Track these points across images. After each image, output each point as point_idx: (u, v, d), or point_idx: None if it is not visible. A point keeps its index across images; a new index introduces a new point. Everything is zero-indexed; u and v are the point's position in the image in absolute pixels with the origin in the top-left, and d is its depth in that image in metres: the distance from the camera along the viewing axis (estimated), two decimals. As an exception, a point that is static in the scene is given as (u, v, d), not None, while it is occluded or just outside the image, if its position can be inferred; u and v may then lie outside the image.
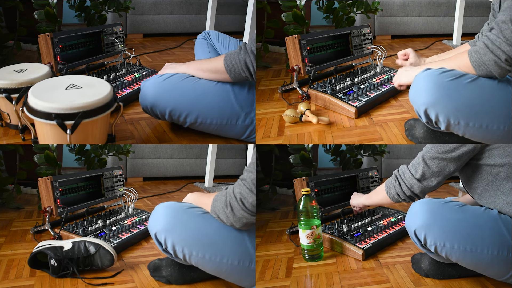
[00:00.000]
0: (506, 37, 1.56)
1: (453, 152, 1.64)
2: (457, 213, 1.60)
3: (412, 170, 1.72)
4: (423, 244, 1.64)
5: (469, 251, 1.59)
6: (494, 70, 1.61)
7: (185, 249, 1.60)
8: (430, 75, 1.71)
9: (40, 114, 1.73)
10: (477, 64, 1.64)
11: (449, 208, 1.61)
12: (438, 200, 1.64)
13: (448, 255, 1.61)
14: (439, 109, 1.69)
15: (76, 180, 2.36)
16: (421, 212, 1.62)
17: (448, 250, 1.60)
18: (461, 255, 1.60)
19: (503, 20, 1.57)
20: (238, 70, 1.87)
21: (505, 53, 1.57)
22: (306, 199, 1.95)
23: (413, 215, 1.64)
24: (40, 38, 2.32)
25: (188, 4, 3.54)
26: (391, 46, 3.08)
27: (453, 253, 1.60)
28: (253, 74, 1.88)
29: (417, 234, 1.63)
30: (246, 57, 1.84)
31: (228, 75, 1.90)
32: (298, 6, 2.90)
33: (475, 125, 1.69)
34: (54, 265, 1.84)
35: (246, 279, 1.65)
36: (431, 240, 1.60)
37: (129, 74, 2.52)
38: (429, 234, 1.60)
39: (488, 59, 1.61)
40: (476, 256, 1.59)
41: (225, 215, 1.56)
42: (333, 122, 2.11)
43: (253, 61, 1.85)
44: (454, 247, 1.59)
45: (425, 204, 1.62)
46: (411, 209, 1.65)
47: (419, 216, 1.62)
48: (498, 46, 1.57)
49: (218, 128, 2.00)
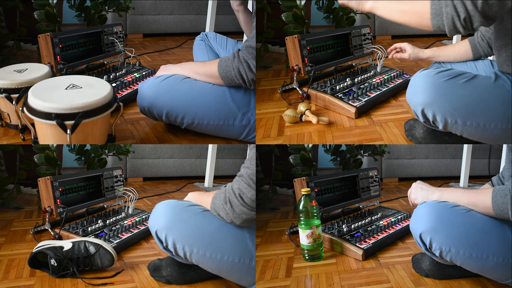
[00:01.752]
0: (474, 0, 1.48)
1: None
2: (464, 218, 1.57)
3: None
4: (428, 248, 1.62)
5: (474, 257, 1.57)
6: (448, 25, 1.53)
7: (185, 247, 1.60)
8: (426, 75, 1.71)
9: (40, 114, 1.73)
10: (435, 12, 1.55)
11: (456, 213, 1.58)
12: (445, 204, 1.60)
13: (453, 260, 1.60)
14: (436, 108, 1.69)
15: (76, 180, 2.36)
16: (427, 216, 1.59)
17: (453, 255, 1.58)
18: (466, 261, 1.59)
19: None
20: (232, 77, 1.88)
21: (467, 12, 1.50)
22: (306, 199, 1.95)
23: (419, 218, 1.61)
24: (40, 38, 2.32)
25: (188, 4, 3.54)
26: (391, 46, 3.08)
27: (458, 258, 1.59)
28: (248, 82, 1.88)
29: (423, 238, 1.61)
30: (239, 66, 1.85)
31: (222, 80, 1.92)
32: (298, 6, 2.90)
33: (473, 124, 1.69)
34: (54, 265, 1.84)
35: (247, 277, 1.65)
36: (436, 244, 1.59)
37: (129, 74, 2.52)
38: (435, 238, 1.58)
39: (447, 12, 1.53)
40: (481, 262, 1.58)
41: (225, 212, 1.56)
42: (333, 122, 2.11)
43: (247, 70, 1.85)
44: (459, 253, 1.58)
45: (432, 208, 1.60)
46: (417, 212, 1.63)
47: (426, 219, 1.59)
48: (463, 4, 1.50)
49: (215, 129, 2.00)
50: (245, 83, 1.89)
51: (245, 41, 1.86)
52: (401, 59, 2.37)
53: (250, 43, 1.84)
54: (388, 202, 2.82)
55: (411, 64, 2.77)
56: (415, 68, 1.85)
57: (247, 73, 1.85)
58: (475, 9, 1.49)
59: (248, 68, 1.85)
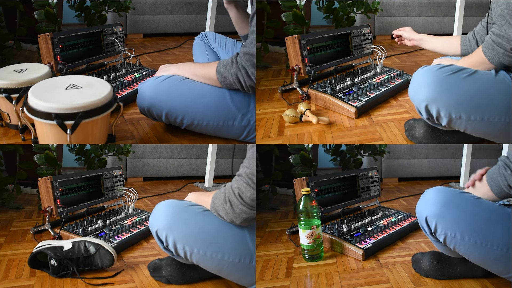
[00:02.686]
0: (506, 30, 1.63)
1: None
2: (472, 205, 1.58)
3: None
4: (432, 233, 1.62)
5: (479, 245, 1.57)
6: (505, 60, 1.67)
7: (186, 247, 1.60)
8: (429, 71, 1.72)
9: (40, 114, 1.73)
10: (491, 58, 1.69)
11: (465, 199, 1.58)
12: (453, 190, 1.61)
13: (457, 248, 1.60)
14: (440, 104, 1.70)
15: (76, 180, 2.36)
16: (435, 199, 1.59)
17: (458, 241, 1.58)
18: (470, 248, 1.58)
19: (498, 14, 1.65)
20: (230, 82, 1.88)
21: (509, 44, 1.63)
22: (306, 199, 1.95)
23: (426, 201, 1.61)
24: (40, 38, 2.32)
25: (188, 4, 3.54)
26: (391, 46, 3.08)
27: (462, 245, 1.58)
28: (246, 88, 1.87)
29: (428, 221, 1.60)
30: (237, 72, 1.85)
31: (221, 84, 1.91)
32: (298, 6, 2.90)
33: (477, 118, 1.70)
34: (54, 265, 1.84)
35: (247, 276, 1.65)
36: (441, 229, 1.58)
37: (129, 74, 2.52)
38: (441, 222, 1.58)
39: (497, 52, 1.66)
40: (485, 251, 1.57)
41: (225, 211, 1.56)
42: (333, 122, 2.11)
43: (245, 77, 1.84)
44: (464, 239, 1.57)
45: (440, 192, 1.60)
46: (425, 196, 1.63)
47: (433, 203, 1.59)
48: (502, 40, 1.63)
49: (215, 130, 2.00)
50: (243, 89, 1.89)
51: (243, 46, 1.85)
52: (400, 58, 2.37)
53: (249, 50, 1.83)
54: (388, 202, 2.82)
55: (411, 64, 2.77)
56: (415, 68, 1.85)
57: (246, 80, 1.85)
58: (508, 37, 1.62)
59: (246, 75, 1.84)
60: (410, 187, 3.22)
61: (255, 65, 1.84)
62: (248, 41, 1.85)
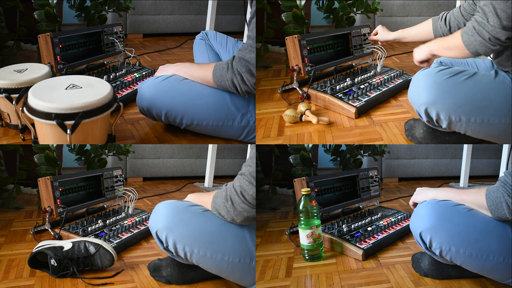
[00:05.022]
0: (488, 19, 1.60)
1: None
2: (465, 217, 1.57)
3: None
4: (428, 247, 1.62)
5: (474, 256, 1.57)
6: (480, 49, 1.65)
7: (186, 247, 1.60)
8: (428, 74, 1.71)
9: (40, 114, 1.73)
10: (467, 44, 1.67)
11: (457, 212, 1.58)
12: (445, 203, 1.60)
13: (453, 259, 1.60)
14: (440, 107, 1.69)
15: (76, 180, 2.36)
16: (428, 215, 1.59)
17: (453, 254, 1.58)
18: (466, 260, 1.58)
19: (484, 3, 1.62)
20: (226, 86, 1.88)
21: (489, 33, 1.61)
22: (306, 199, 1.95)
23: (419, 216, 1.61)
24: (40, 38, 2.32)
25: (188, 4, 3.54)
26: (391, 46, 3.08)
27: (458, 257, 1.58)
28: (242, 93, 1.87)
29: (423, 236, 1.61)
30: (233, 77, 1.84)
31: (218, 87, 1.91)
32: (298, 6, 2.90)
33: (477, 120, 1.70)
34: (54, 265, 1.84)
35: (247, 277, 1.65)
36: (436, 243, 1.58)
37: (129, 74, 2.52)
38: (435, 237, 1.58)
39: (475, 39, 1.64)
40: (482, 262, 1.57)
41: (226, 210, 1.56)
42: (333, 122, 2.11)
43: (240, 83, 1.83)
44: (459, 252, 1.57)
45: (432, 206, 1.60)
46: (418, 211, 1.63)
47: (426, 218, 1.59)
48: (483, 28, 1.62)
49: (215, 130, 2.00)
50: (239, 94, 1.89)
51: (239, 50, 1.83)
52: (399, 58, 2.37)
53: (244, 55, 1.81)
54: (388, 202, 2.82)
55: (411, 64, 2.77)
56: (415, 68, 1.85)
57: (241, 86, 1.84)
58: (495, 28, 1.59)
59: (241, 81, 1.84)
60: (410, 187, 3.22)
61: (251, 71, 1.82)
62: (244, 46, 1.83)
